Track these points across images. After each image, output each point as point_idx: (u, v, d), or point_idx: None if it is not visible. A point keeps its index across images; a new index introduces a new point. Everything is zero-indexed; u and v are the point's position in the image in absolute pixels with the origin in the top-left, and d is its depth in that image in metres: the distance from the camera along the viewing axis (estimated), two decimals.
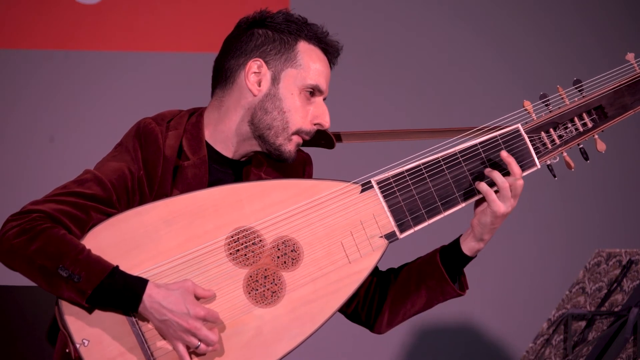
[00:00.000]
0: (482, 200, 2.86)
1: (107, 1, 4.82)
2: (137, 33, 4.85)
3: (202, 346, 2.71)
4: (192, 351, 2.73)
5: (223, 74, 2.94)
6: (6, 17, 4.75)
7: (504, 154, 2.83)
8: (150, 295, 2.69)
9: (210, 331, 2.71)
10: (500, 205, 2.82)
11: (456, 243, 2.92)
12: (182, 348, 2.71)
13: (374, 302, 3.02)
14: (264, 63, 2.91)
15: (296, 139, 2.92)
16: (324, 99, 2.95)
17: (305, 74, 2.91)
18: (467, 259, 2.92)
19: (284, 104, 2.90)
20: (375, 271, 3.03)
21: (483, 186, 2.83)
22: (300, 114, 2.91)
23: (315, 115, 2.92)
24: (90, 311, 2.72)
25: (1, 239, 2.71)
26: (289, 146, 2.91)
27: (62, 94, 4.79)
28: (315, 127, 2.93)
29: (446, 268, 2.92)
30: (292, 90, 2.91)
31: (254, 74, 2.91)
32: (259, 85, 2.91)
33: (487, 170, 2.84)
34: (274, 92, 2.91)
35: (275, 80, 2.91)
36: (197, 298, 2.73)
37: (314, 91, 2.92)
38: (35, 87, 4.77)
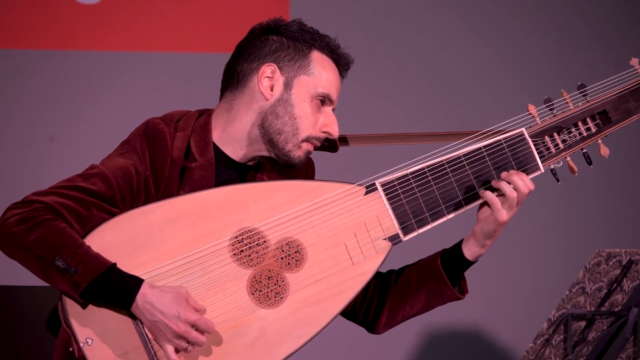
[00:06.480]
0: (484, 204, 2.88)
1: (107, 1, 4.82)
2: (137, 33, 4.85)
3: (190, 348, 2.71)
4: (193, 352, 2.73)
5: (235, 77, 2.95)
6: (6, 17, 4.75)
7: (504, 174, 2.84)
8: (144, 295, 2.68)
9: (199, 333, 2.70)
10: (504, 214, 2.83)
11: (458, 247, 2.93)
12: (170, 349, 2.71)
13: (373, 302, 3.02)
14: (277, 68, 2.92)
15: (306, 146, 2.92)
16: (333, 110, 2.96)
17: (318, 82, 2.92)
18: (468, 263, 2.92)
19: (295, 110, 2.91)
20: (376, 273, 3.04)
21: (489, 195, 2.84)
22: (310, 121, 2.92)
23: (324, 123, 2.93)
24: (86, 307, 2.71)
25: (1, 226, 2.71)
26: (298, 152, 2.92)
27: (62, 94, 4.79)
28: (324, 135, 2.94)
29: (446, 271, 2.93)
30: (304, 97, 2.91)
31: (267, 79, 2.92)
32: (272, 90, 2.92)
33: (495, 182, 2.84)
34: (286, 97, 2.92)
35: (287, 86, 2.92)
36: None
37: (324, 100, 2.93)
38: (35, 87, 4.77)
